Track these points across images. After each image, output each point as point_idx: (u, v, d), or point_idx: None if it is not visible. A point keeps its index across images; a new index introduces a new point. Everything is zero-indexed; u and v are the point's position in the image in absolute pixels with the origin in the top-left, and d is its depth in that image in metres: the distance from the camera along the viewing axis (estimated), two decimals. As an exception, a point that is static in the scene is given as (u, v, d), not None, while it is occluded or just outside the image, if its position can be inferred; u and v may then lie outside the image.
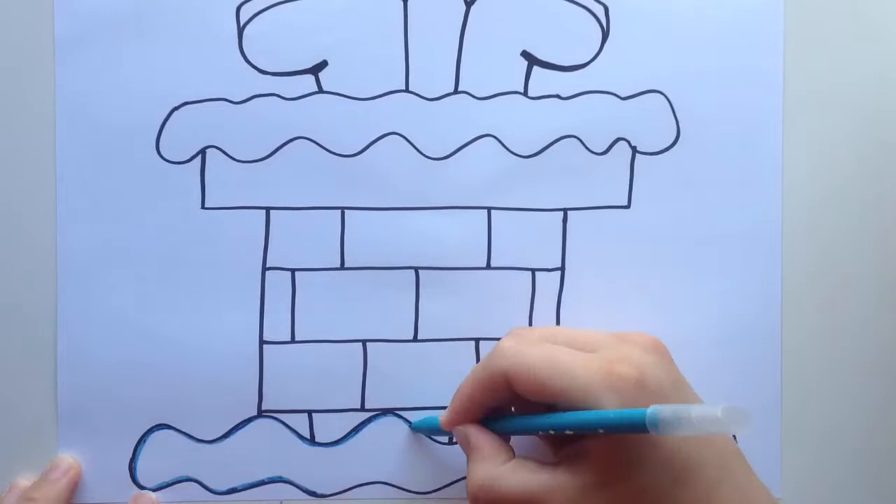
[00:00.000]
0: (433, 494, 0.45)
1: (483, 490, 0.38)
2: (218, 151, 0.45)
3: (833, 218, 0.46)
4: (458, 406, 0.41)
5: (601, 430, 0.35)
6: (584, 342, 0.39)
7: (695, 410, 0.32)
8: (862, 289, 0.46)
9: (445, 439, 0.45)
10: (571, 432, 0.37)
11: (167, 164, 0.44)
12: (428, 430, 0.45)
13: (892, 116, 0.46)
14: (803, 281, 0.45)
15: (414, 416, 0.45)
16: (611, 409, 0.36)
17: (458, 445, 0.45)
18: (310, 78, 0.45)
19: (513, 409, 0.42)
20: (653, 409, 0.33)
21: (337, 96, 0.45)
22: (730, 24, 0.45)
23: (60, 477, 0.43)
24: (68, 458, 0.44)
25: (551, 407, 0.38)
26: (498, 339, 0.45)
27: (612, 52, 0.45)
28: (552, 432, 0.38)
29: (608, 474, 0.36)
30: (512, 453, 0.40)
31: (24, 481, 0.44)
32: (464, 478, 0.45)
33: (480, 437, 0.40)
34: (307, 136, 0.45)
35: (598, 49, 0.45)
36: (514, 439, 0.42)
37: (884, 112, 0.46)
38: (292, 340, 0.45)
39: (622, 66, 0.45)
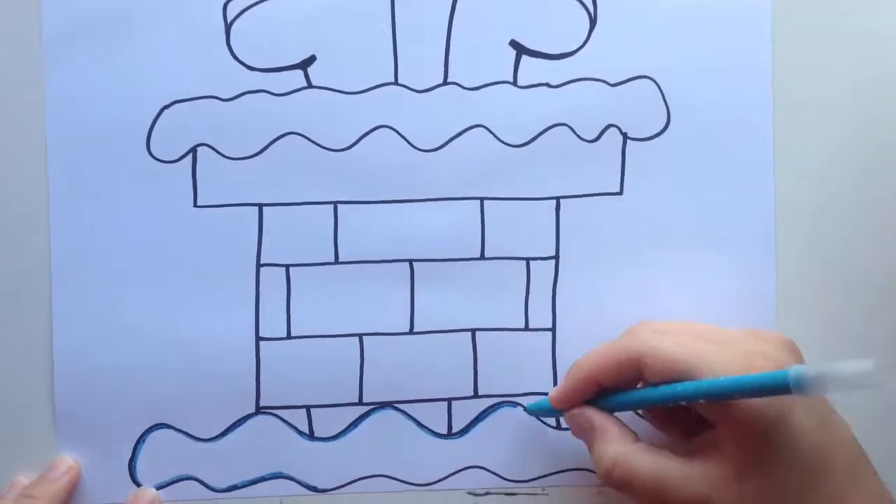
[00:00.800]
0: (433, 486, 0.45)
1: (619, 466, 0.39)
2: (209, 149, 0.45)
3: (825, 200, 0.46)
4: (576, 384, 0.41)
5: (738, 396, 0.35)
6: (717, 336, 0.40)
7: (843, 365, 0.32)
8: (855, 272, 0.46)
9: (444, 430, 0.45)
10: (703, 416, 0.38)
11: (158, 162, 0.44)
12: (540, 413, 0.44)
13: (882, 93, 0.46)
14: (797, 264, 0.46)
15: (413, 409, 0.45)
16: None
17: (458, 438, 0.45)
18: (299, 73, 0.45)
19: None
20: (797, 368, 0.33)
21: (326, 90, 0.45)
22: (718, 8, 0.45)
23: (60, 476, 0.43)
24: (68, 459, 0.44)
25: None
26: (495, 329, 0.45)
27: (601, 39, 0.45)
28: (684, 403, 0.38)
29: (742, 468, 0.36)
30: (636, 436, 0.40)
31: (25, 479, 0.44)
32: (463, 469, 0.45)
33: (605, 419, 0.41)
34: (298, 131, 0.45)
35: (586, 36, 0.45)
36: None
37: (877, 96, 0.46)
38: (288, 336, 0.45)
39: (611, 52, 0.45)
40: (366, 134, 0.45)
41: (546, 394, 0.45)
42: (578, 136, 0.45)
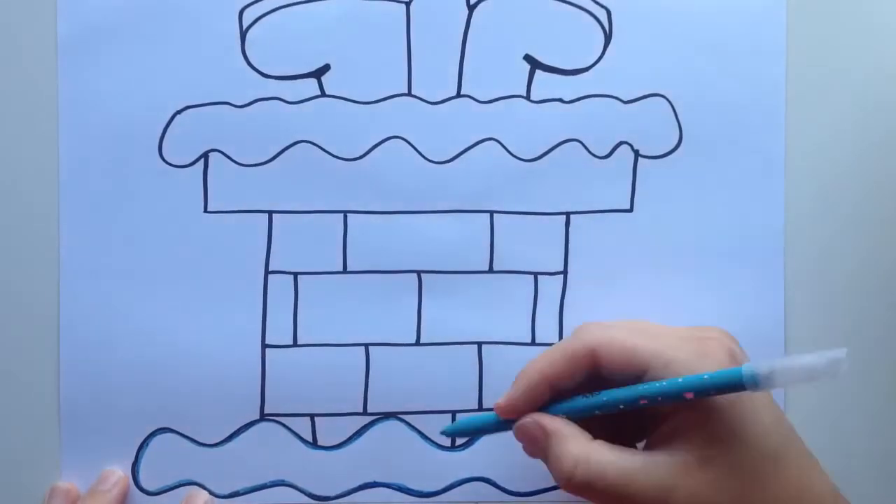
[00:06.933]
0: (436, 497, 0.45)
1: (580, 465, 0.37)
2: (221, 155, 0.45)
3: (835, 221, 0.46)
4: (527, 387, 0.39)
5: (692, 395, 0.36)
6: (667, 332, 0.40)
7: (795, 360, 0.33)
8: (864, 291, 0.46)
9: (448, 442, 0.45)
10: (662, 409, 0.37)
11: (170, 167, 0.45)
12: (465, 431, 0.43)
13: None
14: (806, 284, 0.45)
15: (417, 420, 0.45)
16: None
17: (462, 450, 0.45)
18: (312, 82, 0.45)
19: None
20: (749, 365, 0.34)
21: (339, 100, 0.45)
22: (732, 27, 0.45)
23: (111, 488, 0.44)
24: (117, 471, 0.44)
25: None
26: (501, 342, 0.45)
27: (615, 55, 0.45)
28: (643, 403, 0.37)
29: (707, 450, 0.36)
30: (591, 436, 0.38)
31: (65, 485, 0.44)
32: (466, 480, 0.45)
33: (558, 422, 0.38)
34: (310, 139, 0.45)
35: (600, 53, 0.45)
36: None
37: (887, 116, 0.46)
38: (295, 344, 0.45)
39: (624, 69, 0.45)
40: (378, 144, 0.45)
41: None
42: (590, 151, 0.45)
